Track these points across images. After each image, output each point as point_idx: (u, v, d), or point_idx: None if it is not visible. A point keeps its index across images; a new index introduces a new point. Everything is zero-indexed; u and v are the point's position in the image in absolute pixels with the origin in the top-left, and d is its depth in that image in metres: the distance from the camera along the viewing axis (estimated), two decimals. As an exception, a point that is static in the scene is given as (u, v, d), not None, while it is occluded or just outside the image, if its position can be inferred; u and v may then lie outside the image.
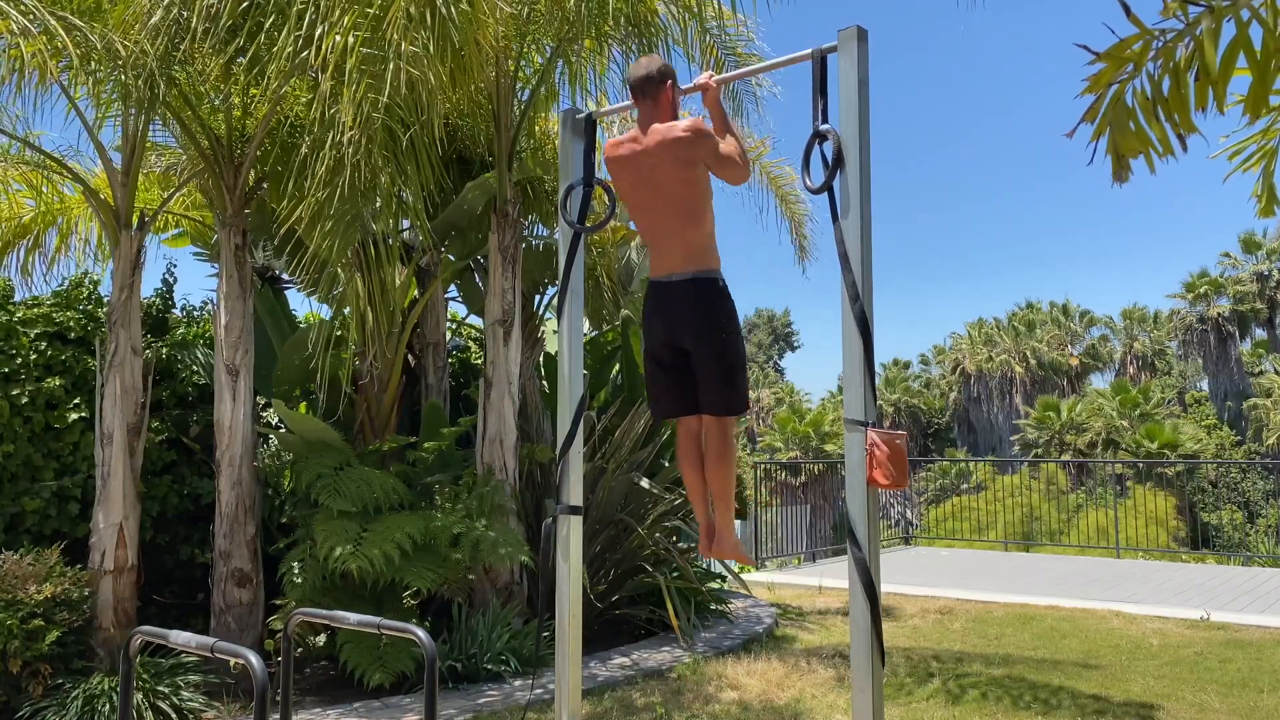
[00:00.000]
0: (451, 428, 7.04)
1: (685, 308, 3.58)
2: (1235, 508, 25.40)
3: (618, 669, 6.30)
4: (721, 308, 3.61)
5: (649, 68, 3.68)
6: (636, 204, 3.70)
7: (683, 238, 3.60)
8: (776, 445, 39.16)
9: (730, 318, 3.63)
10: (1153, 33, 2.56)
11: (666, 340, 3.67)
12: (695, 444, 3.82)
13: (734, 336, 3.63)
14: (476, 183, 7.17)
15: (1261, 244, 39.78)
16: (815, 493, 27.59)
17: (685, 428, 3.85)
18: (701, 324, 3.58)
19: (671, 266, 3.63)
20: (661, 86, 3.66)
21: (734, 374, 3.63)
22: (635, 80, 3.69)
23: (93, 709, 5.03)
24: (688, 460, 3.85)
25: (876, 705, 3.11)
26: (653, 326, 3.71)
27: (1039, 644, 7.05)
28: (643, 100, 3.68)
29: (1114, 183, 2.83)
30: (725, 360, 3.60)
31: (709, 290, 3.59)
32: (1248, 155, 3.24)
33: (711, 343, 3.58)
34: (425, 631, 3.10)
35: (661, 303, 3.66)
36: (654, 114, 3.65)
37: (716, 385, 3.62)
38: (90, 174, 7.08)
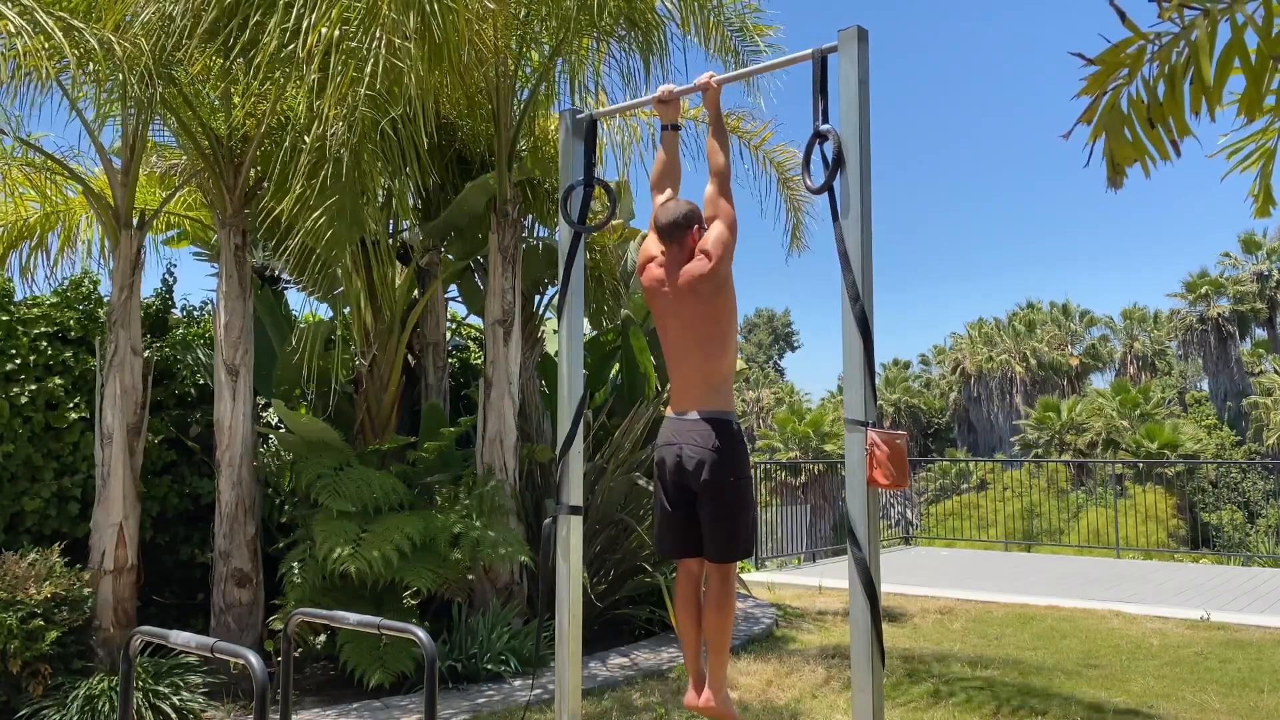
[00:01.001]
0: (451, 428, 7.04)
1: (696, 447, 3.57)
2: (1235, 508, 25.40)
3: (617, 669, 6.30)
4: (732, 452, 3.58)
5: (676, 214, 3.69)
6: (664, 335, 3.75)
7: (703, 373, 3.61)
8: (776, 445, 39.16)
9: (740, 463, 3.61)
10: (1147, 36, 2.56)
11: (675, 479, 3.65)
12: (694, 588, 3.79)
13: (743, 482, 3.61)
14: (476, 183, 7.17)
15: (1262, 244, 39.79)
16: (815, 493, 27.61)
17: (685, 570, 3.80)
18: (710, 466, 3.54)
19: (688, 404, 3.63)
20: (689, 231, 3.67)
21: (739, 520, 3.61)
22: (663, 226, 3.70)
23: (93, 709, 5.03)
24: (684, 605, 3.80)
25: (876, 705, 3.11)
26: (663, 461, 3.68)
27: (1039, 644, 7.05)
28: (670, 245, 3.70)
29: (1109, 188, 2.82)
30: (732, 508, 3.58)
31: (723, 432, 3.58)
32: (1245, 155, 3.23)
33: (719, 486, 3.56)
34: (425, 631, 3.10)
35: (674, 438, 3.64)
36: (681, 256, 3.67)
37: (722, 532, 3.60)
38: (90, 174, 7.08)
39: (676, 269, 3.66)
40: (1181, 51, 2.53)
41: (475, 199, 7.27)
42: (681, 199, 3.82)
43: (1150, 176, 2.79)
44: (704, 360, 3.62)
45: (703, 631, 3.73)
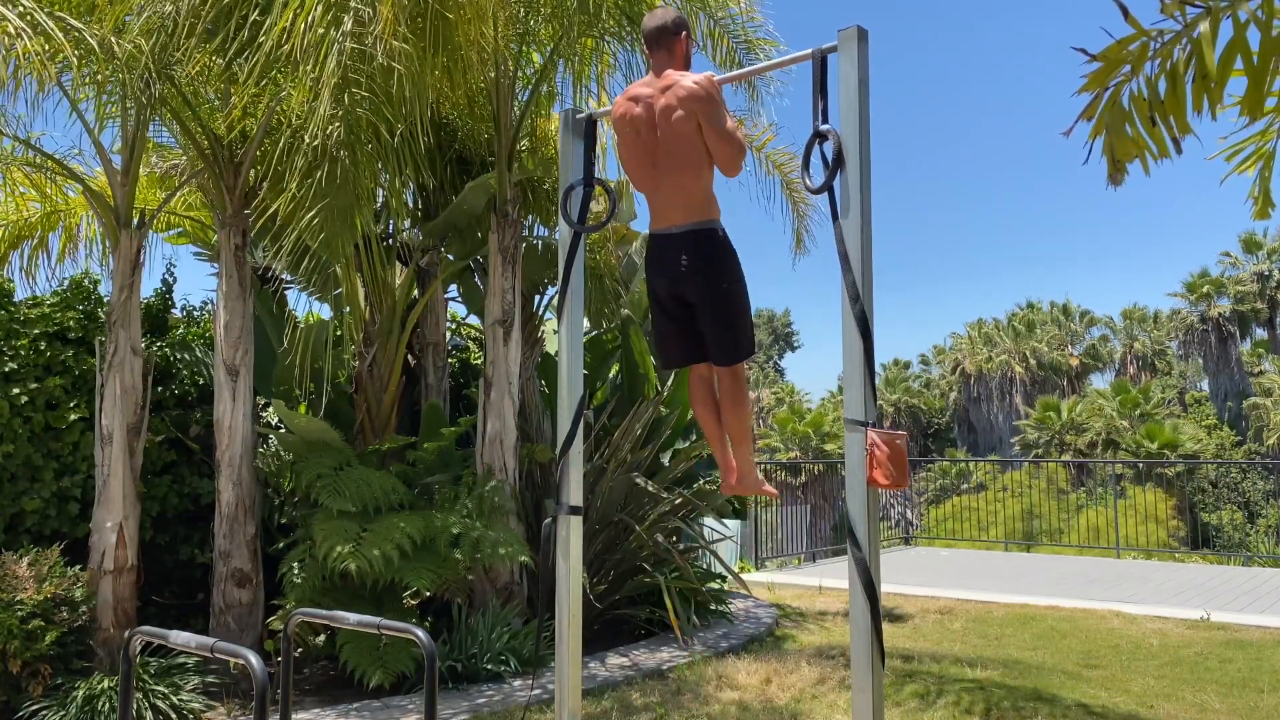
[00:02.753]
0: (451, 428, 7.04)
1: (686, 260, 3.59)
2: (1235, 508, 25.40)
3: (617, 669, 6.30)
4: (722, 258, 3.61)
5: (664, 18, 3.66)
6: (641, 154, 3.67)
7: (684, 189, 3.59)
8: (776, 445, 39.15)
9: (731, 268, 3.63)
10: (1150, 33, 2.55)
11: (670, 291, 3.69)
12: (707, 388, 3.86)
13: (736, 285, 3.64)
14: (476, 183, 7.17)
15: (1262, 244, 39.79)
16: (815, 493, 27.59)
17: (696, 374, 3.89)
18: (703, 276, 3.58)
19: (671, 219, 3.63)
20: (676, 37, 3.65)
21: (738, 324, 3.66)
22: (650, 30, 3.67)
23: (92, 709, 5.03)
24: (702, 405, 3.89)
25: (876, 705, 3.10)
26: (655, 277, 3.72)
27: (1039, 644, 7.04)
28: (657, 51, 3.66)
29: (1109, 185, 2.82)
30: (728, 312, 3.62)
31: (709, 241, 3.60)
32: (1245, 156, 3.23)
33: (714, 294, 3.60)
34: (425, 631, 3.10)
35: (662, 255, 3.66)
36: (668, 64, 3.65)
37: (722, 335, 3.65)
38: (91, 174, 7.08)
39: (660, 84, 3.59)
40: (1184, 48, 2.53)
41: (475, 199, 7.27)
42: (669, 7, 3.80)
43: (1150, 174, 2.79)
44: (685, 177, 3.58)
45: (725, 427, 3.83)
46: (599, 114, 4.28)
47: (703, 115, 3.51)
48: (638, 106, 3.63)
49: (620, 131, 3.74)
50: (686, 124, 3.53)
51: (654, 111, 3.59)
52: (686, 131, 3.53)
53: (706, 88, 3.51)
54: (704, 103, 3.51)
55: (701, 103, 3.51)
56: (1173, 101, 2.58)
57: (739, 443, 3.84)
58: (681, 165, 3.58)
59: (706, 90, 3.51)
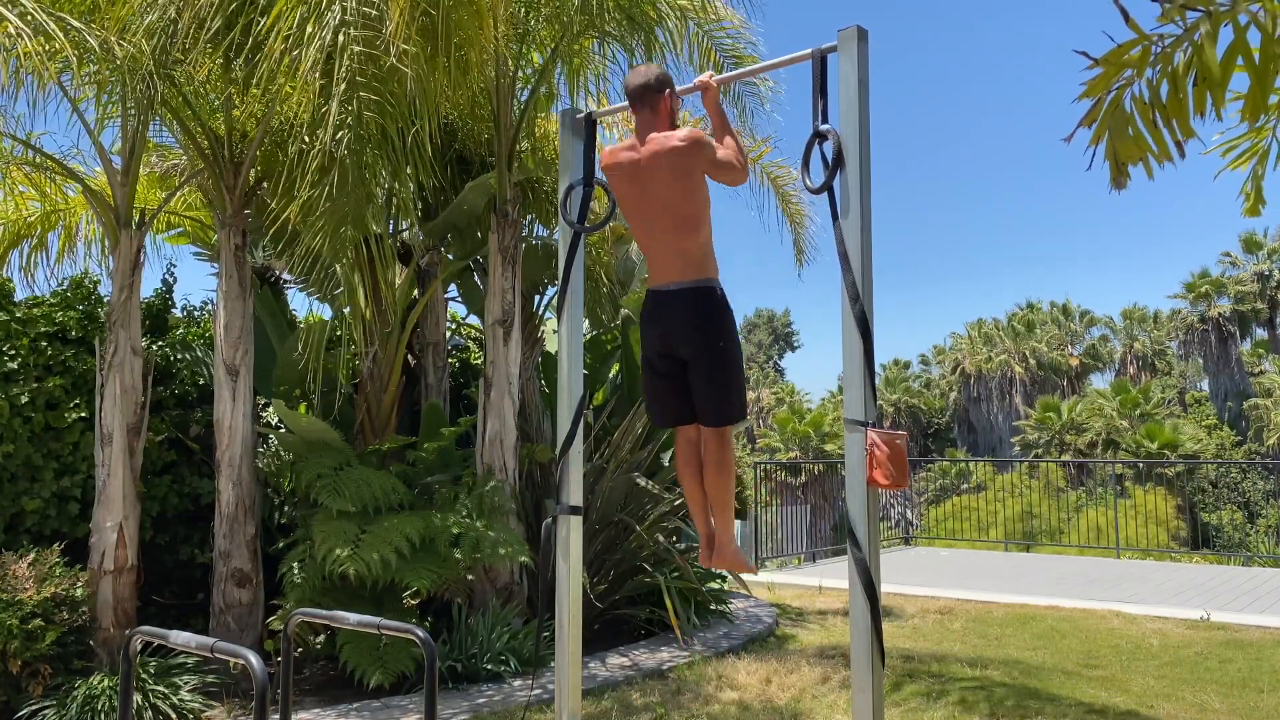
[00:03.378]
0: (451, 428, 7.04)
1: (682, 318, 3.55)
2: (1235, 508, 25.39)
3: (617, 669, 6.30)
4: (718, 318, 3.57)
5: (647, 76, 3.63)
6: (634, 213, 3.67)
7: (680, 247, 3.57)
8: (776, 445, 39.15)
9: (727, 328, 3.59)
10: (1150, 38, 2.56)
11: (663, 349, 3.64)
12: (694, 452, 3.79)
13: (731, 345, 3.60)
14: (476, 183, 7.17)
15: (1262, 244, 39.78)
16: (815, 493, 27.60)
17: (684, 436, 3.81)
18: (698, 334, 3.54)
19: (669, 276, 3.59)
20: (660, 95, 3.62)
21: (730, 384, 3.60)
22: (633, 89, 3.64)
23: (92, 709, 5.03)
24: (687, 469, 3.81)
25: (876, 705, 3.11)
26: (649, 335, 3.68)
27: (1039, 644, 7.04)
28: (641, 109, 3.63)
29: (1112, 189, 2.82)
30: (722, 371, 3.57)
31: (706, 300, 3.56)
32: (1239, 153, 3.23)
33: (708, 353, 3.55)
34: (425, 631, 3.10)
35: (658, 311, 3.62)
36: (653, 123, 3.61)
37: (713, 396, 3.59)
38: (90, 174, 7.08)
39: (646, 134, 3.57)
40: (1185, 52, 2.53)
41: (475, 199, 7.27)
42: (653, 64, 3.79)
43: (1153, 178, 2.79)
44: (682, 237, 3.56)
45: (707, 491, 3.76)
46: (599, 114, 4.28)
47: (703, 164, 3.50)
48: (625, 167, 3.62)
49: (613, 185, 3.72)
50: (676, 185, 3.51)
51: (643, 173, 3.56)
52: (678, 192, 3.52)
53: (692, 138, 3.50)
54: (692, 155, 3.49)
55: (689, 156, 3.49)
56: (1175, 105, 2.59)
57: (719, 509, 3.74)
58: (676, 225, 3.56)
59: (690, 141, 3.49)
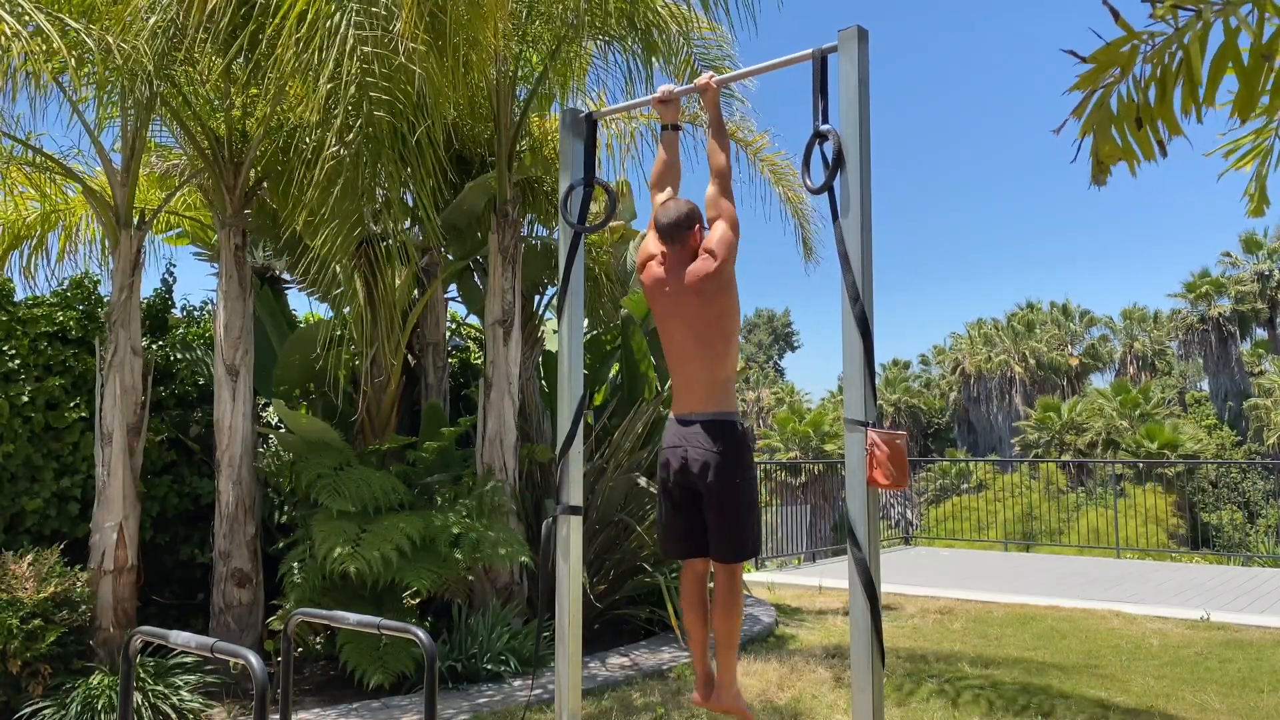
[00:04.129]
0: (451, 428, 7.04)
1: (701, 449, 3.55)
2: (1235, 508, 25.39)
3: (618, 669, 6.30)
4: (737, 453, 3.56)
5: (678, 214, 3.66)
6: (665, 335, 3.73)
7: (706, 374, 3.59)
8: (776, 445, 39.14)
9: (746, 464, 3.59)
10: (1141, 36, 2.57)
11: (680, 479, 3.62)
12: (701, 587, 3.76)
13: (748, 482, 3.59)
14: (476, 183, 7.17)
15: (1262, 244, 39.78)
16: (815, 493, 27.60)
17: (691, 569, 3.77)
18: (716, 468, 3.52)
19: (691, 405, 3.61)
20: (689, 231, 3.65)
21: (745, 521, 3.59)
22: (664, 226, 3.67)
23: (92, 709, 5.03)
24: (691, 605, 3.77)
25: (876, 705, 3.11)
26: (667, 463, 3.66)
27: (1039, 644, 7.04)
28: (671, 245, 3.67)
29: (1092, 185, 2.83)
30: (737, 506, 3.56)
31: (727, 434, 3.56)
32: (1242, 153, 3.23)
33: (725, 487, 3.53)
34: (425, 631, 3.10)
35: (678, 441, 3.62)
36: (683, 256, 3.65)
37: (727, 531, 3.57)
38: (90, 174, 7.08)
39: (679, 269, 3.64)
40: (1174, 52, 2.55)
41: (475, 199, 7.27)
42: (681, 198, 3.80)
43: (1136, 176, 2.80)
44: (707, 361, 3.60)
45: (713, 630, 3.71)
46: (599, 114, 4.28)
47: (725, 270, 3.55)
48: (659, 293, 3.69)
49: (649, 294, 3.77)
50: (710, 307, 3.57)
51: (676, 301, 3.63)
52: (711, 315, 3.58)
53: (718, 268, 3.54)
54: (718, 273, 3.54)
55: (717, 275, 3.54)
56: (1162, 104, 2.60)
57: (724, 648, 3.67)
58: (706, 350, 3.59)
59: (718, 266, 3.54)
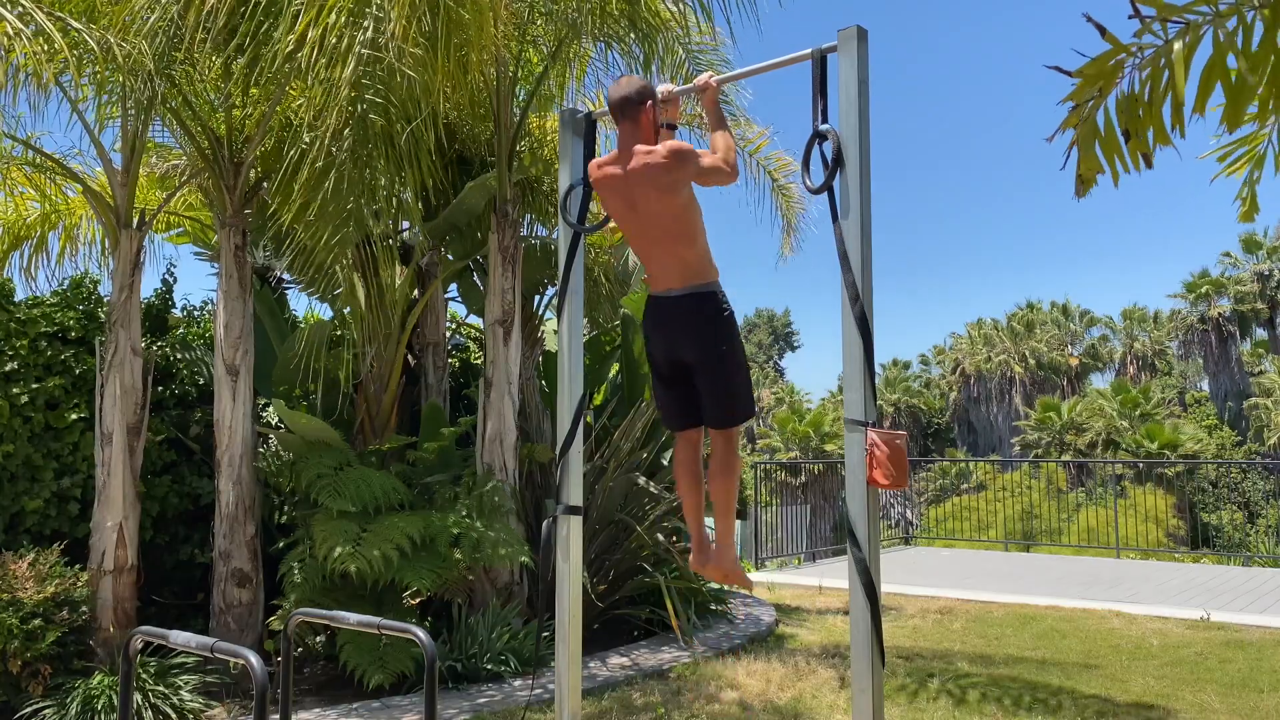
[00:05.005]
0: (451, 428, 7.04)
1: (684, 323, 3.55)
2: (1235, 508, 25.39)
3: (618, 669, 6.30)
4: (720, 321, 3.56)
5: (628, 89, 3.60)
6: (625, 225, 3.67)
7: (676, 256, 3.56)
8: (776, 445, 39.12)
9: (730, 330, 3.59)
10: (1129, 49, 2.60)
11: (667, 355, 3.64)
12: (694, 453, 3.78)
13: (734, 348, 3.59)
14: (476, 183, 7.17)
15: (1262, 244, 39.76)
16: (815, 493, 27.60)
17: (686, 438, 3.79)
18: (701, 339, 3.54)
19: (669, 283, 3.59)
20: (641, 107, 3.58)
21: (736, 386, 3.60)
22: (614, 101, 3.61)
23: (92, 709, 5.03)
24: (684, 469, 3.79)
25: (876, 705, 3.11)
26: (654, 342, 3.68)
27: (1039, 644, 7.04)
28: (622, 122, 3.60)
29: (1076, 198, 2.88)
30: (726, 373, 3.57)
31: (707, 304, 3.56)
32: (1235, 159, 3.27)
33: (712, 357, 3.55)
34: (425, 631, 3.10)
35: (660, 319, 3.62)
36: (634, 135, 3.58)
37: (719, 399, 3.60)
38: (90, 175, 7.08)
39: (629, 147, 3.54)
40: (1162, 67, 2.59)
41: (475, 199, 7.27)
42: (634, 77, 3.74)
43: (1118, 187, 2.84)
44: (677, 247, 3.55)
45: (710, 495, 3.74)
46: (599, 114, 4.28)
47: (689, 176, 3.46)
48: (613, 183, 3.59)
49: (602, 197, 3.71)
50: (663, 199, 3.48)
51: (627, 188, 3.54)
52: (666, 207, 3.49)
53: (674, 151, 3.44)
54: (675, 169, 3.43)
55: (673, 170, 3.43)
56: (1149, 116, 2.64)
57: (721, 514, 3.71)
58: (673, 236, 3.54)
59: (672, 155, 3.43)
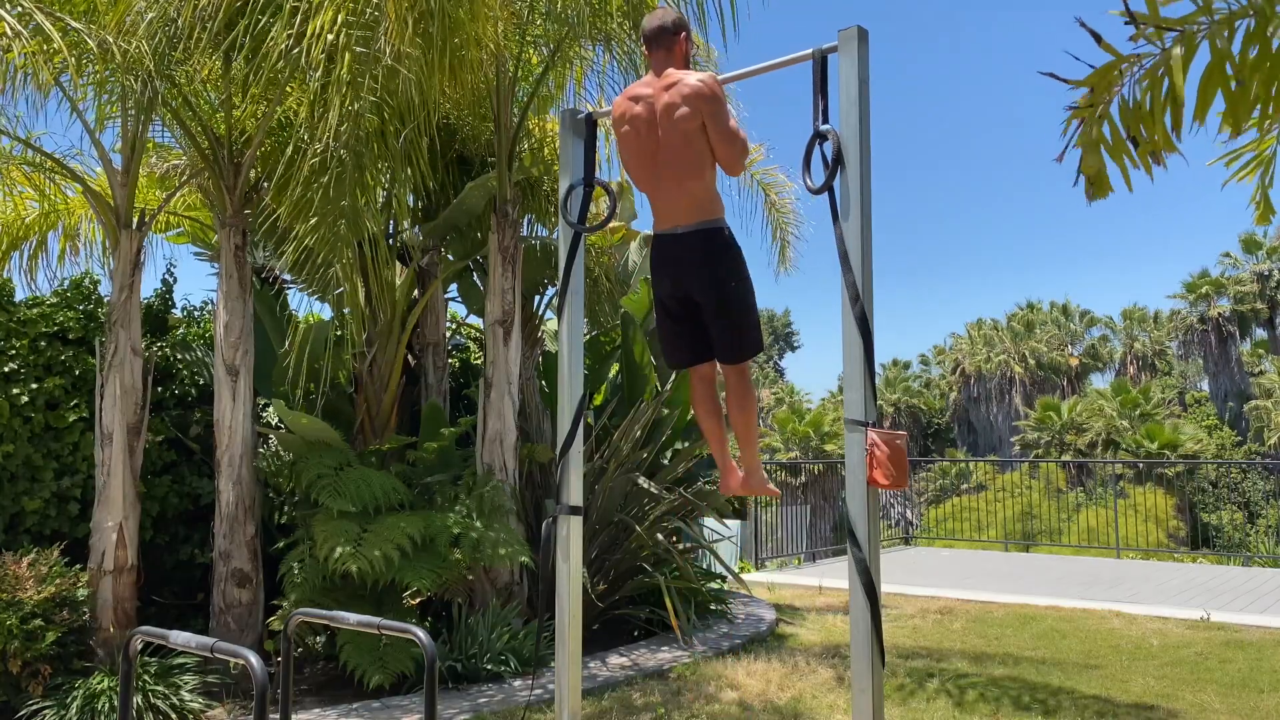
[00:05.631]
0: (451, 428, 7.04)
1: (691, 259, 3.57)
2: (1235, 508, 25.39)
3: (618, 669, 6.30)
4: (727, 256, 3.59)
5: (663, 19, 3.65)
6: (638, 150, 3.65)
7: (685, 188, 3.57)
8: (776, 445, 39.12)
9: (737, 265, 3.61)
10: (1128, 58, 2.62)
11: (675, 292, 3.67)
12: (710, 388, 3.87)
13: (742, 283, 3.62)
14: (476, 183, 7.17)
15: (1262, 244, 39.77)
16: (815, 493, 27.58)
17: (698, 374, 3.88)
18: (708, 275, 3.57)
19: (675, 219, 3.61)
20: (676, 37, 3.64)
21: (745, 320, 3.65)
22: (650, 30, 3.65)
23: (92, 709, 5.03)
24: (703, 405, 3.90)
25: (876, 705, 3.10)
26: (660, 279, 3.70)
27: (1039, 644, 7.04)
28: (656, 50, 3.65)
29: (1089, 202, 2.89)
30: (735, 308, 3.61)
31: (714, 240, 3.58)
32: (1244, 163, 3.28)
33: (720, 292, 3.58)
34: (425, 632, 3.10)
35: (667, 255, 3.65)
36: (668, 63, 3.63)
37: (729, 333, 3.64)
38: (90, 175, 7.07)
39: (660, 85, 3.56)
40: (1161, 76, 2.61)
41: (475, 199, 7.27)
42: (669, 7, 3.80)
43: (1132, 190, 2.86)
44: (687, 177, 3.56)
45: (732, 427, 3.85)
46: (599, 114, 4.28)
47: (707, 114, 3.49)
48: (638, 105, 3.62)
49: (620, 131, 3.72)
50: (689, 122, 3.50)
51: (655, 110, 3.57)
52: (689, 130, 3.51)
53: (710, 85, 3.50)
54: (708, 101, 3.48)
55: (706, 101, 3.48)
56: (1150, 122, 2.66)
57: (745, 443, 3.85)
58: (684, 165, 3.55)
59: (710, 89, 3.50)
